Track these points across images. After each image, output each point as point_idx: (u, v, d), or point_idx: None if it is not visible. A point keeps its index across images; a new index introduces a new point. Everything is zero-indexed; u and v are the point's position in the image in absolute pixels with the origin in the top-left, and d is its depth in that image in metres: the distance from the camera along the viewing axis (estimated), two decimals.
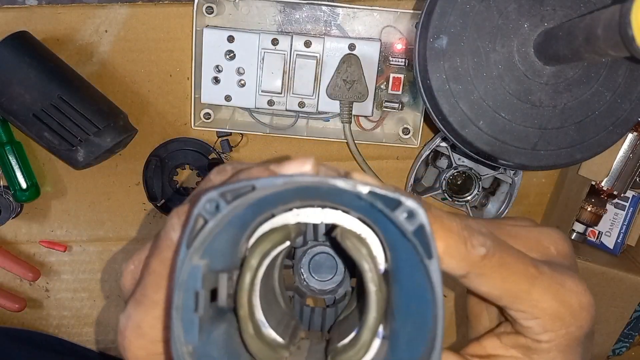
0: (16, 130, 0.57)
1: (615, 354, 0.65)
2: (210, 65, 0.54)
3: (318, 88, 0.54)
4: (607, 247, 0.62)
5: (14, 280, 0.61)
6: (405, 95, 0.57)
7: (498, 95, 0.42)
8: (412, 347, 0.21)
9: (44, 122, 0.51)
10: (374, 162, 0.59)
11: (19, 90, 0.50)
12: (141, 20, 0.55)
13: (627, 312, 0.61)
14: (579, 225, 0.59)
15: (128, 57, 0.56)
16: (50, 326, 0.63)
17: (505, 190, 0.60)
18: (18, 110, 0.51)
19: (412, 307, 0.21)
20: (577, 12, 0.40)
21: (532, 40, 0.41)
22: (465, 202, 0.60)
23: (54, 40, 0.55)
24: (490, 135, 0.42)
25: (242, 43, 0.53)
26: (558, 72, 0.41)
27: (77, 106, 0.52)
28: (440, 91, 0.42)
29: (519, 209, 0.63)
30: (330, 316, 0.29)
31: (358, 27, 0.55)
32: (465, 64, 0.41)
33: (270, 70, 0.53)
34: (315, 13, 0.54)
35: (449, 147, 0.57)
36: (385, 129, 0.59)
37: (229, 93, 0.55)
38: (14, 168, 0.56)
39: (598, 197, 0.59)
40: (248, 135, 0.59)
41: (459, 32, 0.41)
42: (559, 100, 0.42)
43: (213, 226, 0.20)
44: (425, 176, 0.62)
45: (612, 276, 0.59)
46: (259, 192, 0.20)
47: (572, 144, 0.43)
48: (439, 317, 0.20)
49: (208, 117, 0.57)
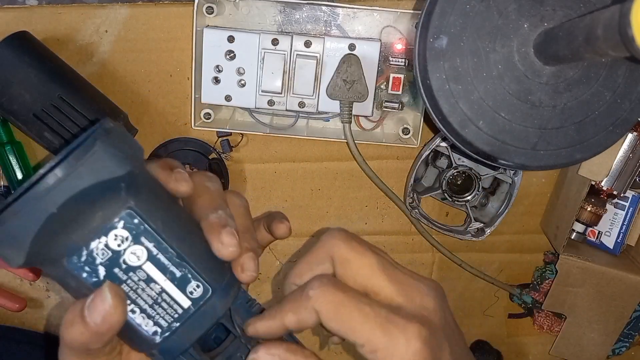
0: (16, 130, 0.57)
1: (615, 353, 0.65)
2: (210, 65, 0.54)
3: (318, 88, 0.54)
4: (607, 247, 0.62)
5: (14, 280, 0.61)
6: (405, 95, 0.57)
7: (498, 95, 0.42)
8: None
9: (44, 122, 0.51)
10: (374, 162, 0.59)
11: (19, 90, 0.50)
12: (141, 20, 0.55)
13: (627, 312, 0.61)
14: (579, 225, 0.59)
15: (128, 57, 0.56)
16: (51, 326, 0.63)
17: (505, 190, 0.60)
18: (18, 110, 0.51)
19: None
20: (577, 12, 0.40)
21: (532, 40, 0.41)
22: (465, 202, 0.60)
23: (54, 40, 0.55)
24: (490, 135, 0.42)
25: (242, 43, 0.53)
26: (558, 72, 0.41)
27: (77, 106, 0.52)
28: (440, 91, 0.42)
29: (519, 209, 0.63)
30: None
31: (358, 27, 0.55)
32: (465, 64, 0.41)
33: (271, 70, 0.54)
34: (315, 13, 0.54)
35: (449, 147, 0.57)
36: (385, 129, 0.59)
37: (229, 93, 0.55)
38: (14, 168, 0.56)
39: (598, 197, 0.59)
40: (248, 135, 0.59)
41: (459, 32, 0.41)
42: (559, 100, 0.42)
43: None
44: (425, 176, 0.63)
45: (612, 276, 0.59)
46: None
47: (572, 144, 0.43)
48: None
49: (208, 117, 0.57)
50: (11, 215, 0.25)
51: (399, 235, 0.64)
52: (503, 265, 0.66)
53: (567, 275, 0.60)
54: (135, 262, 0.28)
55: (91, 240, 0.27)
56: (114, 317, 0.27)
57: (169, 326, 0.29)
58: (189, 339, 0.29)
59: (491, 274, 0.65)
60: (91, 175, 0.26)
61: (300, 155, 0.60)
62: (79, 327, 0.27)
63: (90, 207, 0.27)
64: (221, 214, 0.31)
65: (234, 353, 0.31)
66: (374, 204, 0.63)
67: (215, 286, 0.30)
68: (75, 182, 0.25)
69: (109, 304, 0.27)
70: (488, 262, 0.65)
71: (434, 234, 0.63)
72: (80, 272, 0.27)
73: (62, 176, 0.25)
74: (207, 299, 0.29)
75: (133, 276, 0.28)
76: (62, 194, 0.25)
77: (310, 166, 0.61)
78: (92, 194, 0.26)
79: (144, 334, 0.29)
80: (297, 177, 0.61)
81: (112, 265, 0.28)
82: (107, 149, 0.26)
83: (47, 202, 0.25)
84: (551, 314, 0.64)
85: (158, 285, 0.29)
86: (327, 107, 0.55)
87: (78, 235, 0.27)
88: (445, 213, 0.64)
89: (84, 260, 0.27)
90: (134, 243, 0.28)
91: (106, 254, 0.27)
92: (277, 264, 0.64)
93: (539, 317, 0.64)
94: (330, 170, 0.61)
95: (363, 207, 0.63)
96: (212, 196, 0.33)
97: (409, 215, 0.61)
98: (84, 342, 0.28)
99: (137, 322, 0.29)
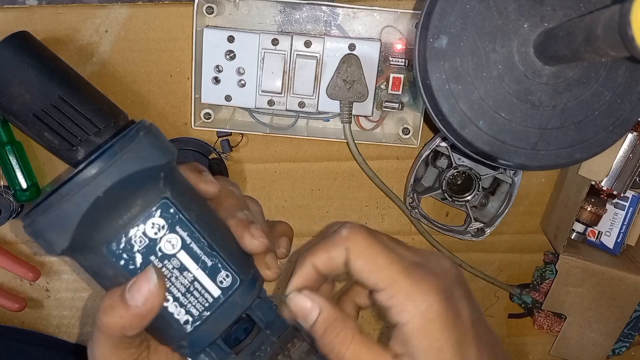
0: (16, 130, 0.57)
1: (615, 353, 0.65)
2: (210, 65, 0.54)
3: (318, 88, 0.54)
4: (607, 247, 0.62)
5: (14, 280, 0.61)
6: (405, 95, 0.57)
7: (498, 95, 0.42)
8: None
9: (44, 122, 0.51)
10: (374, 162, 0.59)
11: (19, 90, 0.50)
12: (141, 20, 0.55)
13: (627, 312, 0.61)
14: (579, 225, 0.59)
15: (128, 57, 0.56)
16: (51, 326, 0.63)
17: (505, 190, 0.60)
18: (18, 110, 0.51)
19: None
20: (577, 12, 0.40)
21: (532, 40, 0.41)
22: (465, 202, 0.60)
23: (54, 40, 0.55)
24: (490, 135, 0.42)
25: (242, 43, 0.53)
26: (558, 72, 0.41)
27: (77, 106, 0.52)
28: (440, 91, 0.42)
29: (518, 209, 0.63)
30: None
31: (358, 27, 0.55)
32: (465, 64, 0.41)
33: (271, 70, 0.54)
34: (315, 13, 0.54)
35: (449, 147, 0.57)
36: (385, 129, 0.59)
37: (229, 93, 0.55)
38: (14, 168, 0.56)
39: (598, 197, 0.59)
40: (248, 135, 0.59)
41: (459, 32, 0.41)
42: (559, 100, 0.42)
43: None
44: (425, 176, 0.63)
45: (612, 276, 0.59)
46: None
47: (572, 144, 0.43)
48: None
49: (208, 117, 0.57)
50: (60, 198, 0.26)
51: (399, 235, 0.64)
52: (503, 265, 0.66)
53: (567, 275, 0.60)
54: (170, 250, 0.29)
55: (130, 228, 0.28)
56: (156, 299, 0.28)
57: (200, 315, 0.30)
58: (218, 328, 0.30)
59: (491, 274, 0.65)
60: (135, 162, 0.27)
61: (300, 155, 0.60)
62: (120, 310, 0.28)
63: (131, 194, 0.28)
64: (247, 214, 0.34)
65: (258, 347, 0.32)
66: (374, 204, 0.63)
67: (242, 277, 0.31)
68: (121, 167, 0.27)
69: (154, 283, 0.28)
70: (488, 262, 0.65)
71: (434, 234, 0.63)
72: (119, 260, 0.28)
73: (110, 161, 0.27)
74: (235, 288, 0.30)
75: (168, 264, 0.29)
76: (109, 178, 0.27)
77: (310, 166, 0.61)
78: (135, 181, 0.27)
79: (176, 324, 0.30)
80: (297, 177, 0.61)
81: (149, 252, 0.29)
82: (150, 140, 0.28)
83: (95, 186, 0.26)
84: (551, 314, 0.64)
85: (190, 274, 0.30)
86: (327, 107, 0.55)
87: (119, 222, 0.28)
88: (445, 213, 0.64)
89: (123, 247, 0.28)
90: (169, 232, 0.29)
91: (144, 241, 0.29)
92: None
93: (539, 317, 0.64)
94: (330, 170, 0.61)
95: (363, 207, 0.63)
96: (236, 199, 0.35)
97: (409, 215, 0.61)
98: (123, 327, 0.29)
99: (169, 310, 0.30)
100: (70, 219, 0.26)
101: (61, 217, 0.26)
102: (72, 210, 0.26)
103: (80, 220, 0.26)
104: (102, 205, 0.27)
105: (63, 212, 0.26)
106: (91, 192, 0.26)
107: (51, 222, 0.26)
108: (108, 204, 0.27)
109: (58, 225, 0.27)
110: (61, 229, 0.27)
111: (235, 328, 0.32)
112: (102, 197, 0.26)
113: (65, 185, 0.26)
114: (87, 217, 0.26)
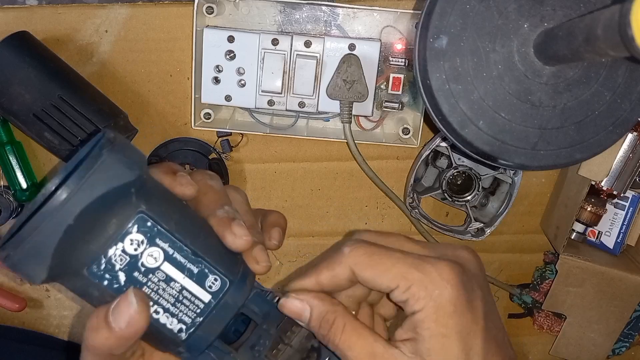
0: (16, 130, 0.57)
1: (615, 353, 0.65)
2: (210, 65, 0.54)
3: (318, 88, 0.54)
4: (607, 247, 0.62)
5: (14, 280, 0.61)
6: (405, 95, 0.57)
7: (498, 95, 0.42)
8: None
9: (44, 122, 0.51)
10: (374, 162, 0.59)
11: (19, 90, 0.50)
12: (141, 20, 0.55)
13: (627, 312, 0.61)
14: (579, 225, 0.59)
15: (128, 57, 0.56)
16: (51, 326, 0.63)
17: (505, 190, 0.60)
18: (18, 110, 0.51)
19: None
20: (577, 12, 0.40)
21: (532, 40, 0.41)
22: (465, 202, 0.60)
23: (54, 40, 0.55)
24: (490, 135, 0.42)
25: (242, 43, 0.53)
26: (558, 72, 0.41)
27: (77, 106, 0.52)
28: (440, 91, 0.42)
29: (518, 209, 0.63)
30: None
31: (358, 27, 0.55)
32: (465, 64, 0.41)
33: (271, 70, 0.54)
34: (315, 13, 0.54)
35: (449, 147, 0.57)
36: (385, 129, 0.59)
37: (229, 93, 0.55)
38: (14, 168, 0.56)
39: (598, 197, 0.59)
40: (248, 135, 0.59)
41: (459, 32, 0.41)
42: (559, 100, 0.42)
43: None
44: (425, 176, 0.63)
45: (612, 276, 0.59)
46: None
47: (572, 144, 0.43)
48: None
49: (208, 117, 0.57)
50: (30, 232, 0.26)
51: None
52: (503, 265, 0.66)
53: (567, 275, 0.60)
54: (153, 263, 0.29)
55: (108, 248, 0.28)
56: (139, 322, 0.28)
57: (193, 321, 0.30)
58: (213, 331, 0.30)
59: (491, 274, 0.65)
60: (103, 184, 0.27)
61: (300, 155, 0.60)
62: (104, 332, 0.28)
63: (104, 215, 0.27)
64: (228, 209, 0.33)
65: (256, 341, 0.32)
66: (374, 204, 0.63)
67: (231, 278, 0.30)
68: (88, 191, 0.26)
69: (134, 308, 0.28)
70: (488, 262, 0.65)
71: (434, 234, 0.63)
72: (102, 280, 0.28)
73: (75, 187, 0.26)
74: (225, 290, 0.30)
75: (153, 278, 0.29)
76: (77, 204, 0.26)
77: (310, 166, 0.61)
78: (105, 202, 0.27)
79: (170, 333, 0.30)
80: (297, 177, 0.61)
81: (132, 269, 0.28)
82: (115, 157, 0.27)
83: (64, 214, 0.26)
84: (551, 314, 0.64)
85: (178, 284, 0.29)
86: (327, 107, 0.55)
87: (95, 244, 0.28)
88: (445, 213, 0.64)
89: (104, 268, 0.28)
90: (149, 245, 0.28)
91: (124, 259, 0.28)
92: (277, 264, 0.64)
93: (539, 317, 0.64)
94: (330, 170, 0.61)
95: (363, 207, 0.63)
96: (216, 194, 0.34)
97: (409, 215, 0.61)
98: (109, 347, 0.28)
99: (161, 322, 0.29)
100: (44, 250, 0.26)
101: (34, 250, 0.26)
102: (44, 242, 0.26)
103: (54, 250, 0.26)
104: (75, 231, 0.26)
105: (35, 244, 0.26)
106: (61, 221, 0.26)
107: (25, 256, 0.26)
108: (81, 228, 0.26)
109: (33, 258, 0.26)
110: (36, 261, 0.26)
111: (233, 323, 0.32)
112: (74, 224, 0.26)
113: (34, 217, 0.26)
114: (61, 246, 0.26)
